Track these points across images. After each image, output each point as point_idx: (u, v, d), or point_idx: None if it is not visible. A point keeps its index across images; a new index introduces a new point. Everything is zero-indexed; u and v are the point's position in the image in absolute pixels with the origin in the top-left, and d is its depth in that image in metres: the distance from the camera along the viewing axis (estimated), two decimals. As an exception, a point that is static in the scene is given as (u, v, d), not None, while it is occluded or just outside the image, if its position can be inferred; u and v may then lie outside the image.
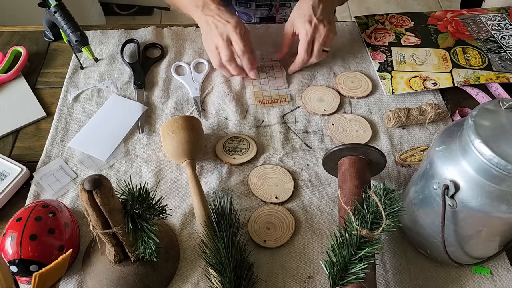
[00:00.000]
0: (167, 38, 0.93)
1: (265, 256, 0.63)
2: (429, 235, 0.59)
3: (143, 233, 0.52)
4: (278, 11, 1.03)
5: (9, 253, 0.56)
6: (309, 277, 0.62)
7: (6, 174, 0.69)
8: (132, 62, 0.87)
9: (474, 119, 0.49)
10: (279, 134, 0.77)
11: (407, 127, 0.79)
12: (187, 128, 0.70)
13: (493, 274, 0.62)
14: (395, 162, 0.74)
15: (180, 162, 0.70)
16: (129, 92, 0.83)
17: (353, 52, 0.92)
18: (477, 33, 0.95)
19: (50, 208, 0.61)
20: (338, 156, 0.66)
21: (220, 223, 0.61)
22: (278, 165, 0.73)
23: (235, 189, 0.70)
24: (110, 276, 0.58)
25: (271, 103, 0.82)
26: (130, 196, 0.51)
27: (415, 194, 0.60)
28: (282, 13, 1.04)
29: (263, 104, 0.82)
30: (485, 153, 0.46)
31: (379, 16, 0.99)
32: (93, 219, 0.49)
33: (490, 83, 0.84)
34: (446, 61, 0.88)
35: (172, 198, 0.69)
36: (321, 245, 0.65)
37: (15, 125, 0.77)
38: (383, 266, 0.63)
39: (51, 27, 0.89)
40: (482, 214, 0.50)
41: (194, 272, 0.62)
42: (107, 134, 0.76)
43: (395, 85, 0.84)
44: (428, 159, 0.56)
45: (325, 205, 0.69)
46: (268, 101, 0.82)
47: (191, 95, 0.83)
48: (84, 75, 0.85)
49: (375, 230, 0.54)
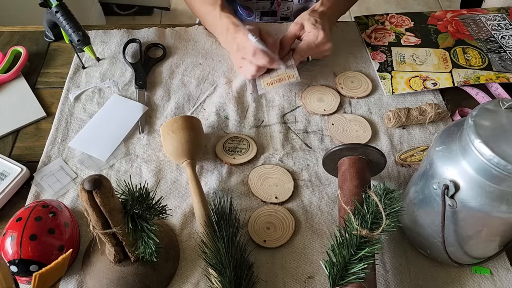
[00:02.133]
0: (169, 39, 0.93)
1: (265, 256, 0.63)
2: (429, 235, 0.59)
3: (143, 233, 0.52)
4: (279, 5, 1.03)
5: (9, 253, 0.56)
6: (309, 277, 0.62)
7: (6, 174, 0.69)
8: (134, 62, 0.87)
9: (474, 119, 0.49)
10: (279, 134, 0.77)
11: (407, 127, 0.79)
12: (187, 128, 0.70)
13: (493, 274, 0.62)
14: (395, 162, 0.74)
15: (180, 162, 0.70)
16: (131, 92, 0.83)
17: (353, 52, 0.92)
18: (477, 33, 0.95)
19: (50, 208, 0.61)
20: (338, 156, 0.66)
21: (220, 223, 0.61)
22: (278, 165, 0.73)
23: (235, 189, 0.70)
24: (110, 276, 0.58)
25: (279, 82, 0.81)
26: (130, 196, 0.51)
27: (415, 194, 0.60)
28: (284, 7, 1.04)
29: (271, 85, 0.82)
30: (485, 153, 0.46)
31: (379, 16, 0.99)
32: (93, 219, 0.49)
33: (490, 83, 0.84)
34: (446, 61, 0.88)
35: (172, 198, 0.69)
36: (321, 245, 0.65)
37: (15, 125, 0.77)
38: (383, 266, 0.63)
39: (51, 27, 0.89)
40: (482, 214, 0.50)
41: (194, 272, 0.62)
42: (107, 134, 0.76)
43: (395, 85, 0.84)
44: (428, 159, 0.56)
45: (325, 205, 0.69)
46: (275, 81, 0.82)
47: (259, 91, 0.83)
48: (86, 75, 0.86)
49: (375, 230, 0.54)
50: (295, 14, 1.03)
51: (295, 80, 0.80)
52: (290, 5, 1.03)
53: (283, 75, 0.82)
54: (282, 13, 1.06)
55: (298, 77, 0.80)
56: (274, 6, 1.03)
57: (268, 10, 1.04)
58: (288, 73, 0.82)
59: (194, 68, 0.88)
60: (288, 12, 1.04)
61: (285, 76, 0.81)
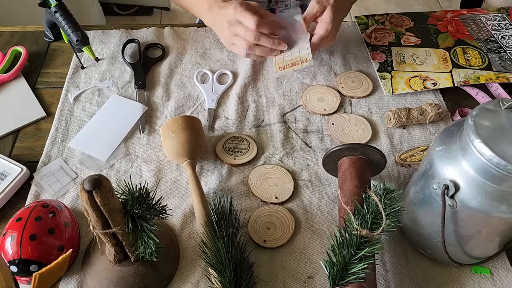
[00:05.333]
0: (168, 38, 0.93)
1: (265, 256, 0.63)
2: (429, 235, 0.59)
3: (143, 233, 0.52)
4: (277, 3, 1.03)
5: (9, 253, 0.56)
6: (309, 277, 0.62)
7: (6, 174, 0.69)
8: (133, 62, 0.87)
9: (474, 119, 0.49)
10: (279, 133, 0.77)
11: (407, 127, 0.79)
12: (187, 128, 0.70)
13: (493, 274, 0.62)
14: (395, 162, 0.74)
15: (180, 162, 0.70)
16: (130, 92, 0.83)
17: (354, 52, 0.92)
18: (477, 33, 0.95)
19: (50, 208, 0.61)
20: (338, 156, 0.66)
21: (220, 223, 0.61)
22: (278, 165, 0.73)
23: (235, 189, 0.70)
24: (110, 276, 0.58)
25: (292, 66, 0.79)
26: (130, 196, 0.51)
27: (415, 194, 0.60)
28: (282, 5, 1.04)
29: (283, 69, 0.80)
30: (485, 153, 0.46)
31: (379, 16, 0.99)
32: (93, 219, 0.49)
33: (490, 83, 0.84)
34: (446, 61, 0.88)
35: (172, 198, 0.69)
36: (321, 245, 0.65)
37: (15, 125, 0.77)
38: (383, 266, 0.63)
39: (51, 27, 0.89)
40: (482, 214, 0.50)
41: (194, 272, 0.62)
42: (107, 134, 0.76)
43: (395, 85, 0.84)
44: (428, 159, 0.56)
45: (325, 205, 0.69)
46: (288, 65, 0.79)
47: (207, 105, 0.81)
48: (85, 75, 0.86)
49: (375, 230, 0.54)
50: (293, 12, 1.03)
51: (307, 64, 0.77)
52: (288, 3, 1.03)
53: (297, 59, 0.79)
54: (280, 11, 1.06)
55: (311, 61, 0.77)
56: (272, 4, 1.03)
57: (266, 8, 1.04)
58: (302, 56, 0.79)
59: (193, 68, 0.88)
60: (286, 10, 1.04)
61: (298, 60, 0.78)
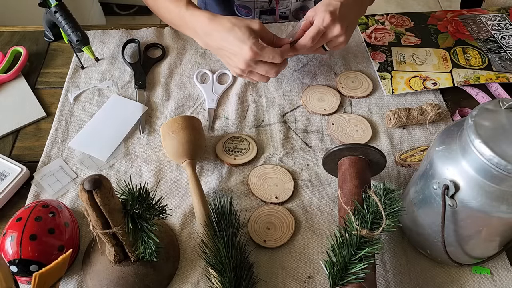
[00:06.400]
0: (168, 38, 0.93)
1: (265, 256, 0.63)
2: (429, 235, 0.59)
3: (143, 233, 0.52)
4: (278, 3, 1.03)
5: (9, 253, 0.56)
6: (309, 277, 0.62)
7: (6, 174, 0.69)
8: (133, 62, 0.87)
9: (474, 119, 0.49)
10: (279, 133, 0.77)
11: (407, 127, 0.79)
12: (187, 128, 0.70)
13: (493, 274, 0.62)
14: (395, 162, 0.74)
15: (180, 162, 0.70)
16: (130, 92, 0.83)
17: (354, 52, 0.92)
18: (477, 33, 0.95)
19: (50, 208, 0.61)
20: (338, 156, 0.66)
21: (220, 223, 0.61)
22: (278, 165, 0.73)
23: (235, 189, 0.70)
24: (110, 276, 0.58)
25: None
26: (130, 196, 0.51)
27: (415, 194, 0.60)
28: (282, 5, 1.04)
29: None
30: (485, 153, 0.46)
31: (379, 16, 0.99)
32: (93, 219, 0.49)
33: (490, 83, 0.84)
34: (446, 61, 0.88)
35: (172, 198, 0.69)
36: (321, 245, 0.65)
37: (15, 125, 0.77)
38: (383, 266, 0.63)
39: (51, 27, 0.89)
40: (482, 214, 0.50)
41: (194, 272, 0.62)
42: (107, 134, 0.76)
43: (395, 85, 0.84)
44: (428, 159, 0.56)
45: (325, 205, 0.69)
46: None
47: (207, 105, 0.81)
48: (85, 75, 0.86)
49: (375, 230, 0.54)
50: (294, 13, 1.03)
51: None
52: (288, 3, 1.03)
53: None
54: (281, 12, 1.05)
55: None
56: (272, 5, 1.03)
57: (266, 8, 1.04)
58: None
59: (193, 68, 0.88)
60: (286, 11, 1.04)
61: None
